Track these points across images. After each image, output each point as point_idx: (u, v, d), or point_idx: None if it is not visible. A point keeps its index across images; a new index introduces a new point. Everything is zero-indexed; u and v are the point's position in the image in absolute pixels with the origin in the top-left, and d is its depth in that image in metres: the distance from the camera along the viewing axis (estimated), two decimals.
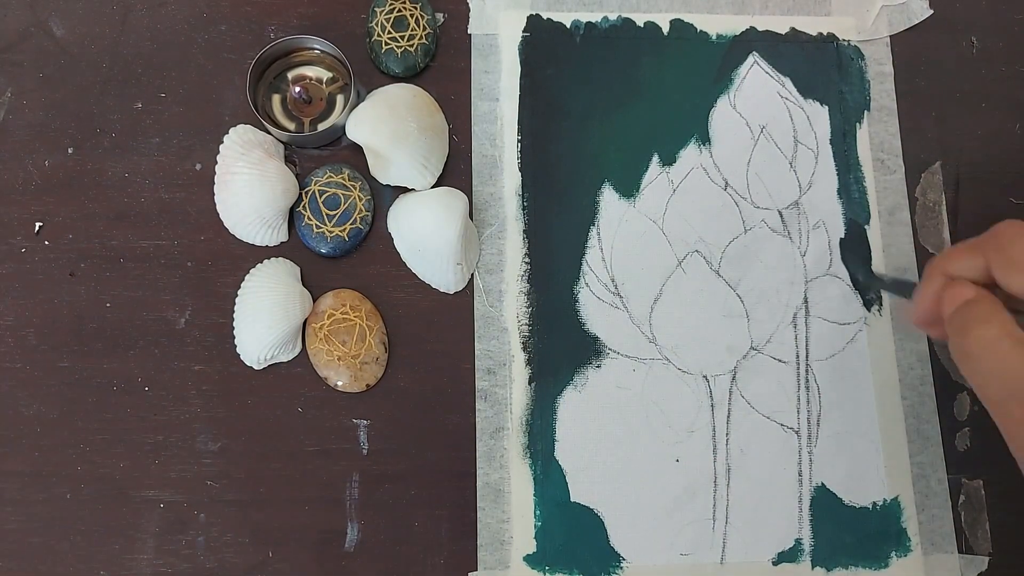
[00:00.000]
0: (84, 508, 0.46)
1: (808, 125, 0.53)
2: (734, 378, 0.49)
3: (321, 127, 0.50)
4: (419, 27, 0.51)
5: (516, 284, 0.50)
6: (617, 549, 0.47)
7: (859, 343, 0.50)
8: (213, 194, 0.49)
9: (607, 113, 0.52)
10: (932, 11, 0.55)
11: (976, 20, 0.56)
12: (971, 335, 0.35)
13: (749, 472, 0.48)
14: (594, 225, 0.51)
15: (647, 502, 0.47)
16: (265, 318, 0.46)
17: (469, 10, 0.54)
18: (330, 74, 0.52)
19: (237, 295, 0.48)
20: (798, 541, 0.47)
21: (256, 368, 0.48)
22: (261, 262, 0.49)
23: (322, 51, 0.51)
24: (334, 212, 0.49)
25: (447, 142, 0.51)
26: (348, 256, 0.50)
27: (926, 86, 0.55)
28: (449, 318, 0.49)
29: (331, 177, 0.49)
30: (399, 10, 0.51)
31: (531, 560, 0.46)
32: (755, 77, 0.54)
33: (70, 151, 0.50)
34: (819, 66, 0.54)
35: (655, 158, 0.52)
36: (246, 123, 0.50)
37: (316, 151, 0.51)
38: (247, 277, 0.48)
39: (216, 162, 0.49)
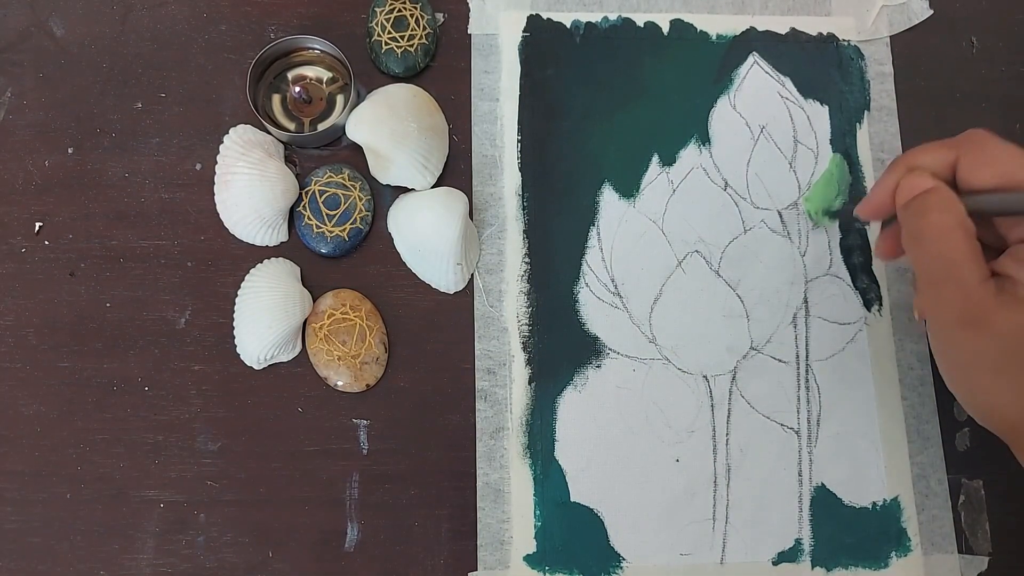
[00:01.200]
0: (84, 508, 0.46)
1: (808, 125, 0.53)
2: (734, 378, 0.49)
3: (321, 127, 0.50)
4: (419, 27, 0.51)
5: (516, 284, 0.50)
6: (617, 549, 0.47)
7: (859, 343, 0.50)
8: (213, 194, 0.49)
9: (607, 113, 0.52)
10: (932, 11, 0.55)
11: (976, 20, 0.56)
12: (929, 218, 0.38)
13: (749, 472, 0.48)
14: (594, 225, 0.51)
15: (647, 502, 0.47)
16: (265, 318, 0.46)
17: (469, 10, 0.54)
18: (330, 74, 0.52)
19: (237, 295, 0.48)
20: (798, 541, 0.47)
21: (256, 368, 0.48)
22: (261, 262, 0.49)
23: (322, 51, 0.51)
24: (334, 212, 0.49)
25: (447, 142, 0.51)
26: (348, 256, 0.50)
27: (926, 86, 0.55)
28: (449, 318, 0.49)
29: (331, 177, 0.49)
30: (399, 10, 0.51)
31: (531, 560, 0.46)
32: (755, 77, 0.54)
33: (70, 151, 0.50)
34: (819, 66, 0.54)
35: (655, 158, 0.52)
36: (246, 123, 0.50)
37: (316, 151, 0.51)
38: (247, 277, 0.48)
39: (216, 162, 0.49)
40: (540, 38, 0.53)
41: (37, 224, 0.49)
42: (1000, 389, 0.37)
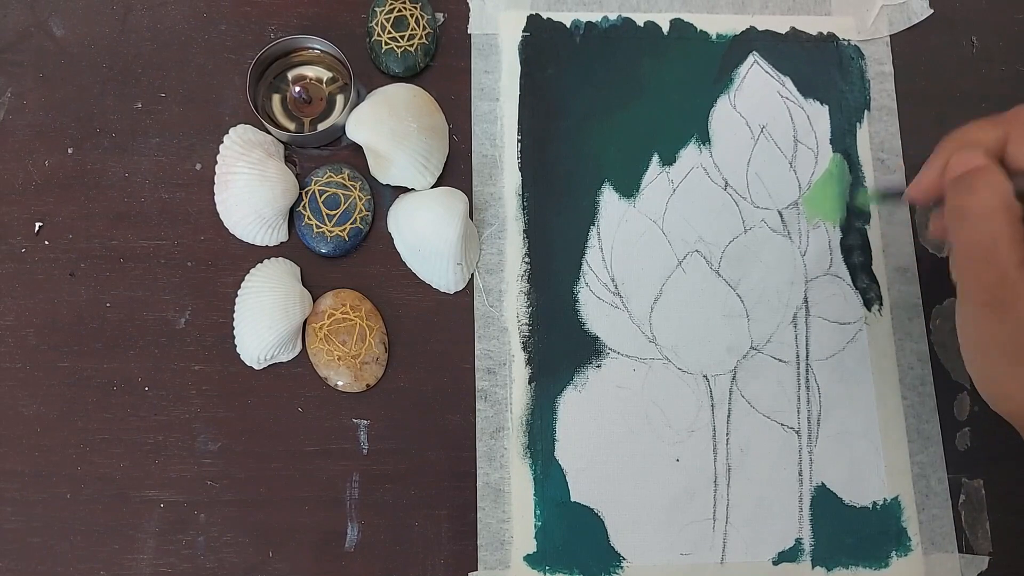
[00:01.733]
0: (84, 508, 0.46)
1: (808, 125, 0.53)
2: (734, 378, 0.49)
3: (321, 127, 0.50)
4: (419, 27, 0.51)
5: (516, 284, 0.50)
6: (617, 549, 0.47)
7: (859, 343, 0.50)
8: (213, 194, 0.49)
9: (607, 113, 0.52)
10: (932, 11, 0.55)
11: (976, 20, 0.56)
12: (974, 196, 0.37)
13: (749, 472, 0.48)
14: (594, 225, 0.51)
15: (647, 502, 0.47)
16: (265, 318, 0.46)
17: (469, 10, 0.54)
18: (330, 74, 0.52)
19: (237, 295, 0.48)
20: (798, 541, 0.47)
21: (256, 368, 0.48)
22: (261, 262, 0.49)
23: (322, 51, 0.51)
24: (334, 212, 0.49)
25: (447, 142, 0.51)
26: (348, 256, 0.50)
27: (926, 86, 0.55)
28: (449, 318, 0.49)
29: (331, 177, 0.49)
30: (399, 10, 0.51)
31: (531, 560, 0.46)
32: (755, 77, 0.54)
33: (70, 151, 0.50)
34: (819, 66, 0.54)
35: (655, 158, 0.52)
36: (246, 123, 0.50)
37: (316, 151, 0.51)
38: (247, 277, 0.48)
39: (216, 162, 0.49)
40: (540, 38, 0.53)
41: (37, 224, 0.49)
42: (1016, 376, 0.37)
